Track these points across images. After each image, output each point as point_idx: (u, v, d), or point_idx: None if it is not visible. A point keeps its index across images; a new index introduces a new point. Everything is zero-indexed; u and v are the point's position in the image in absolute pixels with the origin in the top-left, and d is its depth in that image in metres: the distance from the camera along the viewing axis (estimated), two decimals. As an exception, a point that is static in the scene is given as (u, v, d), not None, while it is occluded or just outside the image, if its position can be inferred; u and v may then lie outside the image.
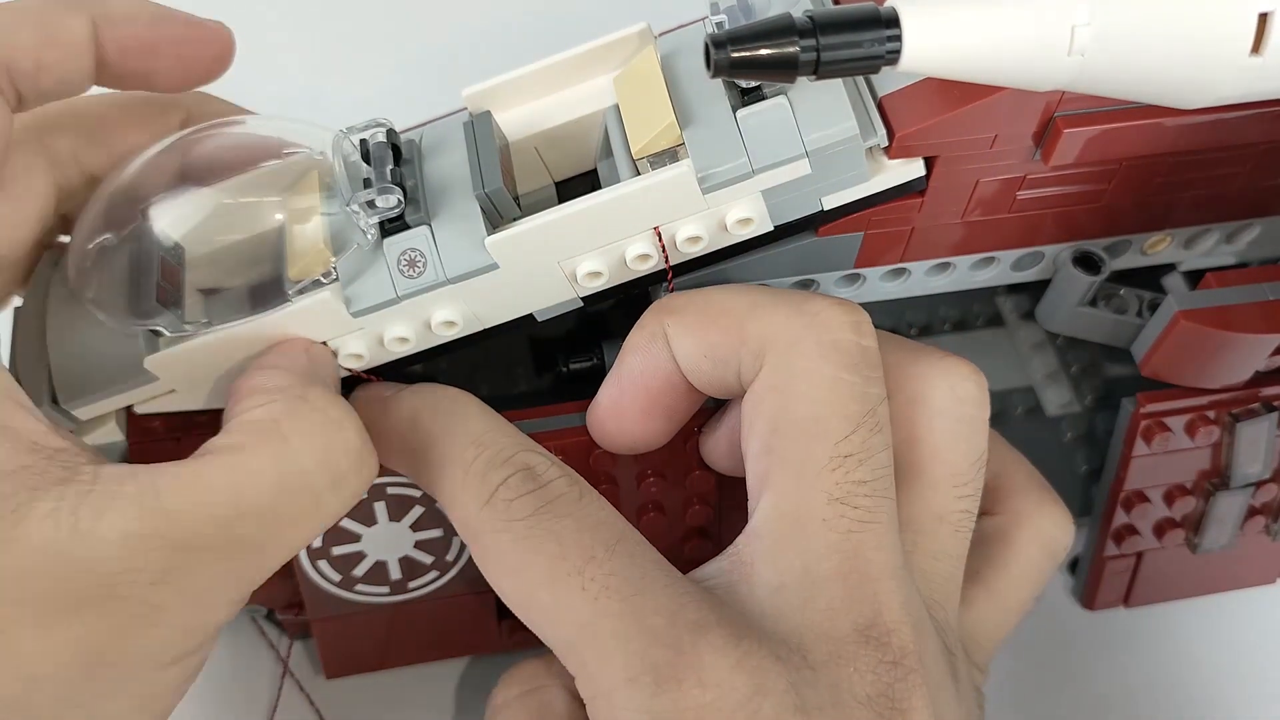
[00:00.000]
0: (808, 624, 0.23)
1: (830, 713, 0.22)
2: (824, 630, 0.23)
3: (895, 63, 0.20)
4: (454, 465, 0.26)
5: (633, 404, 0.27)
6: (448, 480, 0.26)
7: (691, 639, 0.23)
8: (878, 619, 0.23)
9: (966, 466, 0.26)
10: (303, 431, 0.24)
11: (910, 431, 0.26)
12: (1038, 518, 0.28)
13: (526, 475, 0.25)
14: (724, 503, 0.31)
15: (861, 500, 0.24)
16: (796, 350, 0.25)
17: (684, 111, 0.26)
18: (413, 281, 0.26)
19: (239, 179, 0.27)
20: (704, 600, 0.24)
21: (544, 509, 0.25)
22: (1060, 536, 0.29)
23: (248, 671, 0.35)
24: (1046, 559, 0.28)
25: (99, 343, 0.27)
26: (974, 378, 0.26)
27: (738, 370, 0.26)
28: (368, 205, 0.26)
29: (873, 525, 0.24)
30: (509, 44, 0.45)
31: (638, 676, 0.22)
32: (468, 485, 0.25)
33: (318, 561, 0.30)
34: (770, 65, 0.20)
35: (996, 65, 0.21)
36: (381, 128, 0.27)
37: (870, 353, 0.25)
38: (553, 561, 0.24)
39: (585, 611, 0.23)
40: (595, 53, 0.27)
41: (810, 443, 0.24)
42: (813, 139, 0.25)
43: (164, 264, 0.26)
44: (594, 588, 0.24)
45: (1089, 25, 0.20)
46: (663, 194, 0.25)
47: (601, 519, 0.25)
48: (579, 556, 0.24)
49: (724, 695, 0.22)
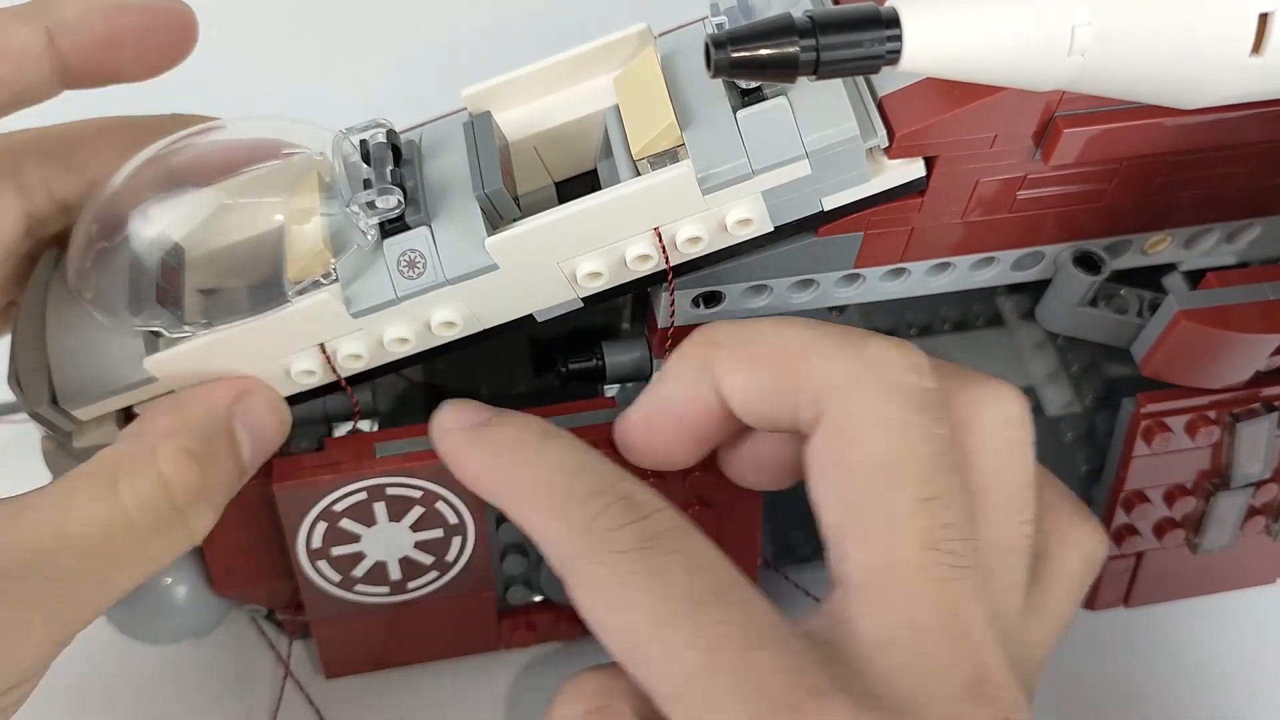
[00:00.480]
0: (921, 686, 0.22)
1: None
2: (937, 692, 0.22)
3: (895, 63, 0.20)
4: (548, 492, 0.25)
5: (667, 427, 0.27)
6: (541, 508, 0.25)
7: (814, 705, 0.21)
8: (985, 674, 0.23)
9: (1022, 491, 0.25)
10: (133, 481, 0.24)
11: (962, 459, 0.25)
12: (1076, 532, 0.27)
13: (628, 505, 0.24)
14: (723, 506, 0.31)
15: (952, 544, 0.23)
16: (861, 395, 0.24)
17: (684, 112, 0.26)
18: (412, 282, 0.26)
19: (239, 179, 0.27)
20: (821, 661, 0.22)
21: (649, 543, 0.23)
22: (1099, 549, 0.28)
23: (248, 672, 0.35)
24: (1087, 573, 0.27)
25: (99, 343, 0.27)
26: (1019, 400, 0.26)
27: (794, 412, 0.25)
28: (368, 206, 0.25)
29: (965, 570, 0.23)
30: (509, 44, 0.45)
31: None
32: (565, 512, 0.24)
33: (317, 562, 0.30)
34: (770, 65, 0.20)
35: (997, 65, 0.20)
36: (381, 128, 0.27)
37: (932, 394, 0.24)
38: (659, 603, 0.23)
39: (695, 663, 0.22)
40: (595, 53, 0.27)
41: (890, 489, 0.23)
42: (813, 139, 0.25)
43: (163, 265, 0.26)
44: (706, 638, 0.22)
45: (1090, 25, 0.20)
46: (663, 195, 0.25)
47: (710, 559, 0.24)
48: (688, 600, 0.23)
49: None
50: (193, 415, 0.26)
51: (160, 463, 0.25)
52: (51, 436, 0.29)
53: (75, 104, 0.28)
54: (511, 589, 0.33)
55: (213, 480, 0.26)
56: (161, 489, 0.25)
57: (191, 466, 0.25)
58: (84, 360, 0.27)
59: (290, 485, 0.28)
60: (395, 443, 0.29)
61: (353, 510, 0.29)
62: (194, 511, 0.25)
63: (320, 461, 0.29)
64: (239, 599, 0.33)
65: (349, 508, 0.29)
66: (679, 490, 0.30)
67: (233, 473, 0.26)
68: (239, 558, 0.31)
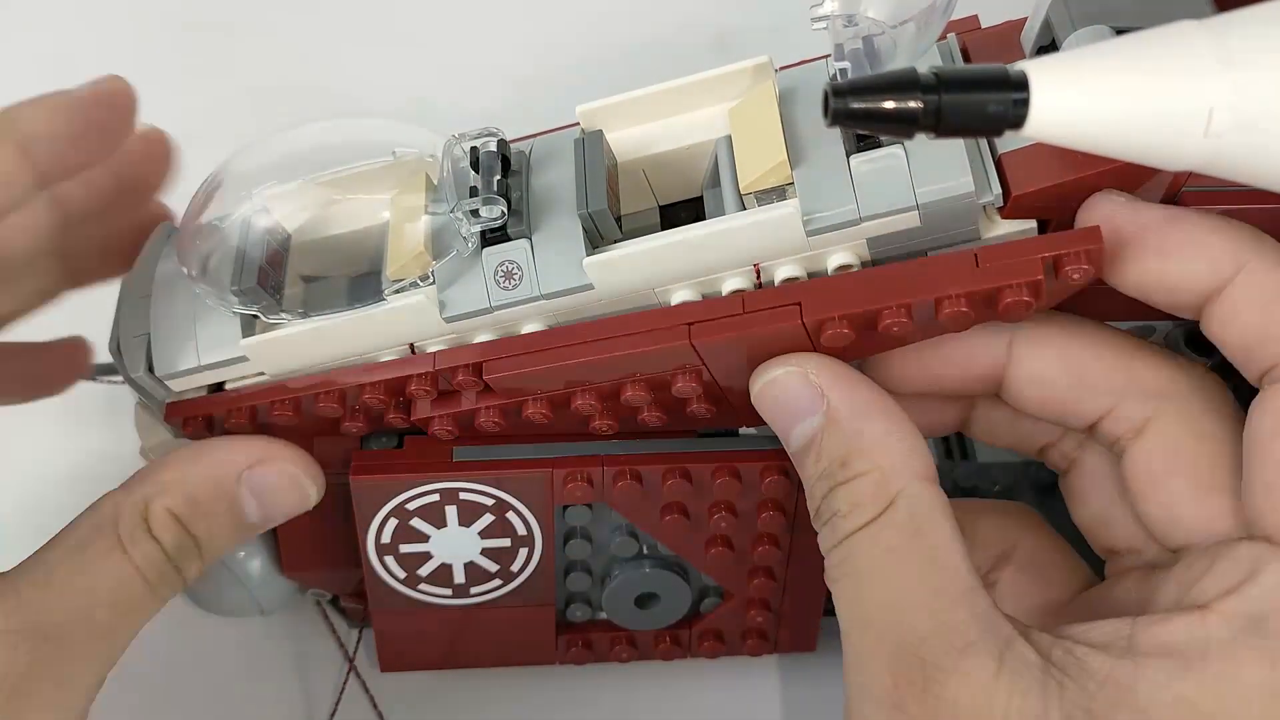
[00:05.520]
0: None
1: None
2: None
3: (1020, 127, 0.19)
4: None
5: (929, 359, 0.26)
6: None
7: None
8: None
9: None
10: (132, 537, 0.26)
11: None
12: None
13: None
14: (794, 545, 0.30)
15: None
16: (1200, 403, 0.25)
17: (796, 150, 0.25)
18: (507, 293, 0.26)
19: (351, 173, 0.27)
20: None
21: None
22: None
23: (308, 654, 0.36)
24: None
25: (198, 321, 0.28)
26: None
27: (1108, 406, 0.25)
28: (472, 214, 0.26)
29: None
30: (628, 65, 0.45)
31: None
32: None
33: (384, 556, 0.30)
34: (889, 119, 0.19)
35: (1123, 141, 0.20)
36: (493, 137, 0.27)
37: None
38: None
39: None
40: (713, 81, 0.27)
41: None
42: (925, 192, 0.24)
43: (270, 249, 0.27)
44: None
45: (1230, 109, 0.19)
46: (767, 232, 0.25)
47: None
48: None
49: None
50: (195, 476, 0.27)
51: (151, 523, 0.27)
52: (144, 402, 0.30)
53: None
54: (572, 606, 0.32)
55: (204, 539, 0.27)
56: (156, 548, 0.26)
57: (177, 529, 0.27)
58: (183, 335, 0.28)
59: (366, 479, 0.29)
60: (474, 448, 0.29)
61: (424, 510, 0.29)
62: (185, 564, 0.27)
63: (398, 459, 0.29)
64: (306, 582, 0.33)
65: (421, 507, 0.29)
66: (749, 529, 0.30)
67: (229, 531, 0.28)
68: (309, 543, 0.31)
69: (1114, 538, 0.27)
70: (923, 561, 0.23)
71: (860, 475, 0.24)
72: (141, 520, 0.26)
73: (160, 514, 0.27)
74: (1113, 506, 0.27)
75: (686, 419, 0.28)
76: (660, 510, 0.29)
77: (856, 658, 0.24)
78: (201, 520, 0.27)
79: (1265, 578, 0.22)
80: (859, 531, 0.24)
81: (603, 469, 0.29)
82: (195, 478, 0.27)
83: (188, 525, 0.27)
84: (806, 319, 0.25)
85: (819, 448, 0.25)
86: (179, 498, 0.27)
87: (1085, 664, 0.22)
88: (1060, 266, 0.24)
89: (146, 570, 0.26)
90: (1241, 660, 0.22)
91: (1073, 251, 0.24)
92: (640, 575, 0.31)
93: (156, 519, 0.27)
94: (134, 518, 0.26)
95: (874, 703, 0.23)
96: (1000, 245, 0.24)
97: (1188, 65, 0.19)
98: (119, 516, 0.27)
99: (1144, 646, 0.22)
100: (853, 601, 0.24)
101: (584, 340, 0.26)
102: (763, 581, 0.31)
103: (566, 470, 0.29)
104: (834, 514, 0.24)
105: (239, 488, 0.28)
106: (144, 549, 0.26)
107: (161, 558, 0.26)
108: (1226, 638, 0.22)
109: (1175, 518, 0.25)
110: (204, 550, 0.27)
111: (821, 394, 0.25)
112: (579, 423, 0.28)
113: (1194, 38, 0.19)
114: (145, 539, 0.26)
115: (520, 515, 0.29)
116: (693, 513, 0.29)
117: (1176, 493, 0.25)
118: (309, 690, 0.35)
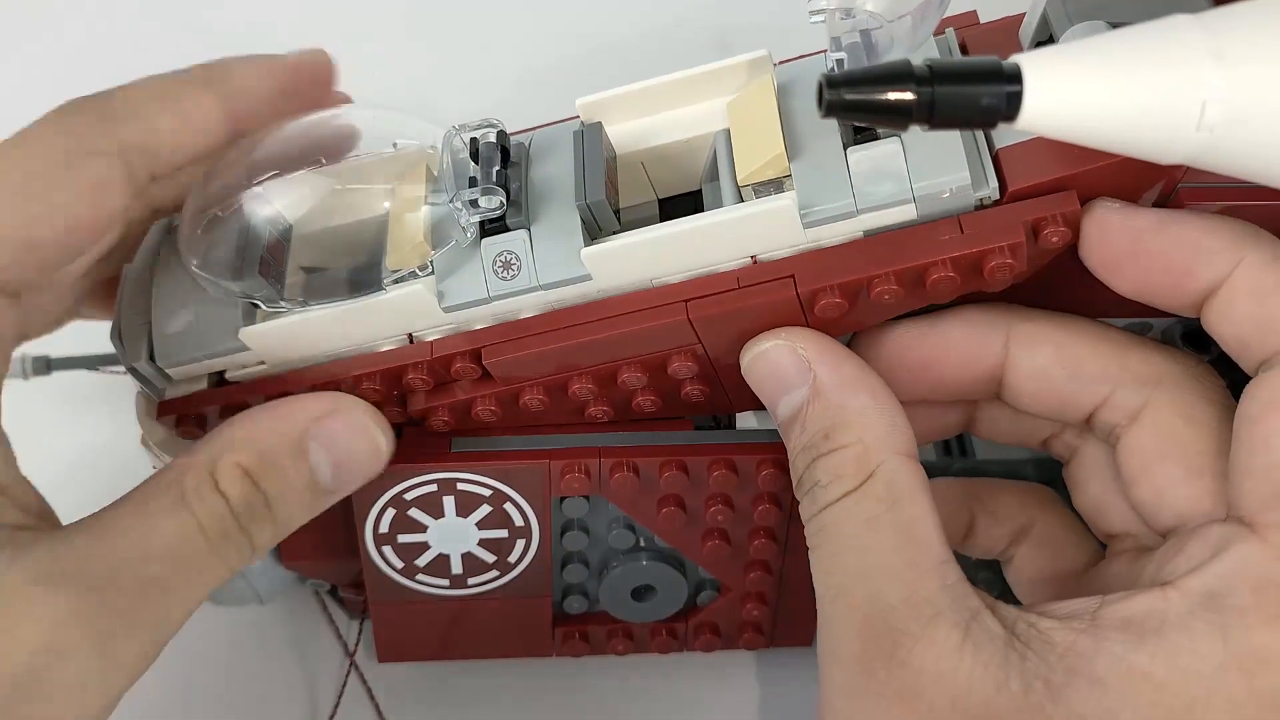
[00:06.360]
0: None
1: None
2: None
3: (1013, 119, 0.19)
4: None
5: (930, 366, 0.27)
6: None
7: None
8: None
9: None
10: (198, 494, 0.25)
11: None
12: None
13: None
14: (790, 539, 0.30)
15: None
16: (1192, 390, 0.25)
17: (794, 143, 0.25)
18: (506, 283, 0.26)
19: (352, 163, 0.27)
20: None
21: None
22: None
23: (306, 643, 0.36)
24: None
25: (200, 310, 0.28)
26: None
27: (1104, 395, 0.26)
28: (471, 204, 0.26)
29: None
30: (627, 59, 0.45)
31: None
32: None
33: (382, 547, 0.30)
34: (882, 111, 0.19)
35: (1117, 134, 0.20)
36: (493, 128, 0.27)
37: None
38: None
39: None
40: (712, 75, 0.27)
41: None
42: (922, 185, 0.25)
43: (270, 239, 0.27)
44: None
45: (1222, 102, 0.19)
46: (764, 224, 0.25)
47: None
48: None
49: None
50: (262, 431, 0.27)
51: (218, 477, 0.26)
52: (145, 391, 0.30)
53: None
54: (569, 598, 0.33)
55: (275, 497, 0.26)
56: (221, 503, 0.25)
57: (246, 484, 0.26)
58: (184, 324, 0.28)
59: (365, 468, 0.29)
60: (472, 439, 0.29)
61: (422, 500, 0.29)
62: (255, 528, 0.26)
63: (396, 449, 0.29)
64: (305, 572, 0.33)
65: (419, 498, 0.29)
66: (745, 522, 0.30)
67: (302, 493, 0.27)
68: (307, 533, 0.31)
69: (1111, 523, 0.28)
70: (898, 533, 0.24)
71: (842, 448, 0.25)
72: (208, 476, 0.25)
73: (228, 468, 0.26)
74: (1109, 493, 0.27)
75: (680, 402, 0.28)
76: (657, 503, 0.30)
77: (828, 623, 0.24)
78: (271, 475, 0.26)
79: (1228, 555, 0.23)
80: (838, 502, 0.25)
81: (600, 461, 0.29)
82: (263, 431, 0.26)
83: (257, 480, 0.26)
84: (800, 290, 0.25)
85: (804, 419, 0.25)
86: (247, 452, 0.26)
87: (1048, 637, 0.23)
88: (1039, 230, 0.25)
89: (209, 525, 0.25)
90: (1195, 633, 0.22)
91: (1050, 215, 0.24)
92: (637, 568, 0.31)
93: (224, 474, 0.26)
94: (200, 473, 0.25)
95: (842, 667, 0.24)
96: (982, 213, 0.25)
97: (1181, 58, 0.19)
98: (185, 472, 0.26)
99: (1105, 620, 0.23)
100: (828, 569, 0.25)
101: (582, 321, 0.26)
102: (759, 575, 0.31)
103: (564, 462, 0.29)
104: (815, 484, 0.25)
105: (309, 444, 0.27)
106: (209, 503, 0.25)
107: (226, 513, 0.25)
108: (1183, 611, 0.22)
109: (1164, 501, 0.25)
110: (275, 510, 0.26)
111: (809, 367, 0.25)
112: (575, 411, 0.28)
113: (1187, 31, 0.19)
114: (211, 494, 0.25)
115: (518, 506, 0.30)
116: (689, 506, 0.30)
117: (1166, 476, 0.25)
118: (310, 680, 0.36)
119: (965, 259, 0.25)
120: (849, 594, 0.24)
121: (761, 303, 0.25)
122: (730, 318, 0.26)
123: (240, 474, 0.26)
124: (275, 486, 0.26)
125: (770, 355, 0.26)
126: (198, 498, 0.25)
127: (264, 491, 0.26)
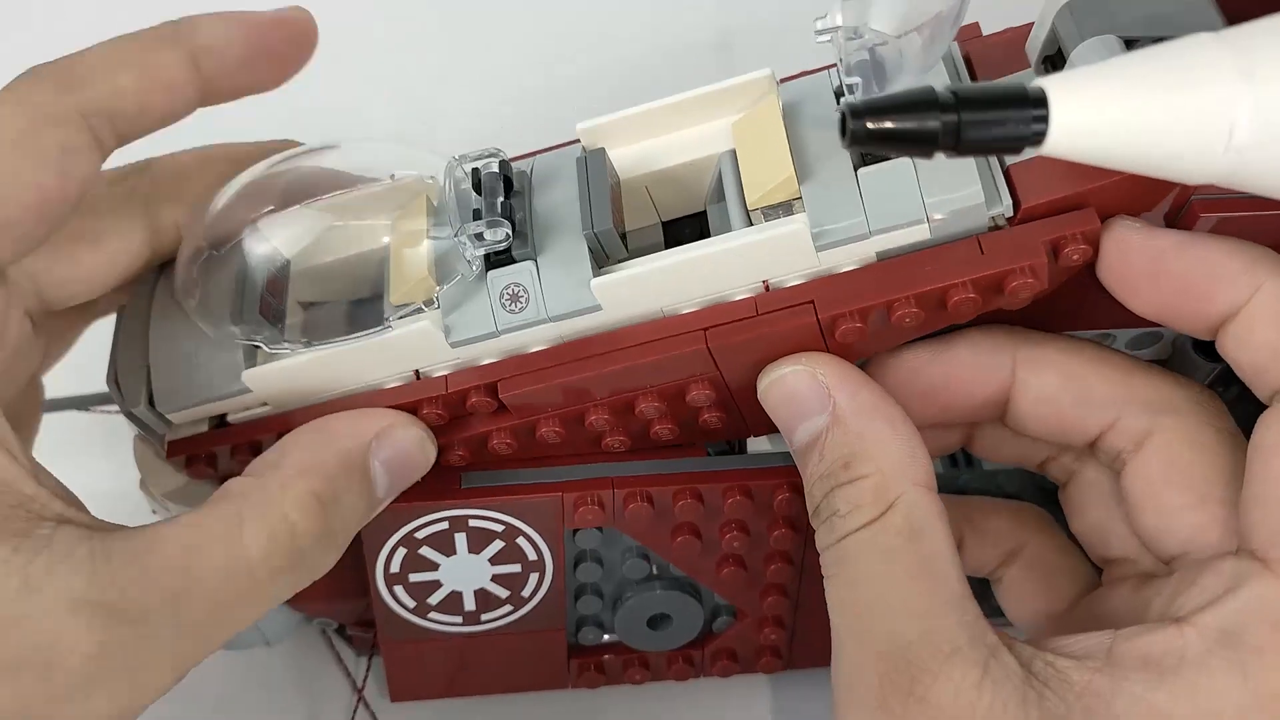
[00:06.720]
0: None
1: None
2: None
3: (1039, 145, 0.19)
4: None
5: (938, 391, 0.26)
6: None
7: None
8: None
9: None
10: (258, 524, 0.24)
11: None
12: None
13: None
14: (806, 561, 0.30)
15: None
16: (1199, 417, 0.25)
17: (802, 164, 0.25)
18: (514, 316, 0.26)
19: (350, 197, 0.27)
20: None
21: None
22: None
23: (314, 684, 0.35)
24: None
25: (199, 352, 0.27)
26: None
27: (1110, 419, 0.26)
28: (476, 237, 0.25)
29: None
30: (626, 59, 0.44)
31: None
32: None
33: (394, 586, 0.30)
34: (908, 139, 0.19)
35: (1143, 158, 0.19)
36: (495, 158, 0.26)
37: None
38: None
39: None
40: (715, 96, 0.26)
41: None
42: (935, 204, 0.24)
43: (269, 278, 0.26)
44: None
45: (1251, 124, 0.19)
46: (776, 248, 0.25)
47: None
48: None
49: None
50: (330, 455, 0.26)
51: (287, 507, 0.24)
52: (144, 436, 0.29)
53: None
54: (584, 629, 0.32)
55: (337, 522, 0.25)
56: (286, 531, 0.24)
57: (318, 511, 0.25)
58: (183, 367, 0.27)
59: (374, 508, 0.28)
60: (482, 474, 0.29)
61: (434, 539, 0.29)
62: (317, 552, 0.25)
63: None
64: (312, 612, 0.33)
65: (430, 536, 0.29)
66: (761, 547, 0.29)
67: (361, 511, 0.26)
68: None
69: (1110, 548, 0.27)
70: (916, 567, 0.24)
71: (862, 478, 0.24)
72: (277, 502, 0.24)
73: (301, 497, 0.24)
74: (1109, 518, 0.27)
75: (698, 429, 0.27)
76: (671, 532, 0.29)
77: (845, 656, 0.24)
78: (339, 500, 0.25)
79: (1243, 592, 0.23)
80: (856, 533, 0.24)
81: (613, 491, 0.28)
82: (330, 460, 0.25)
83: (325, 505, 0.25)
84: (821, 315, 0.25)
85: (823, 447, 0.25)
86: (323, 481, 0.25)
87: (1065, 675, 0.23)
88: (1060, 249, 0.24)
89: (260, 561, 0.24)
90: (1214, 672, 0.22)
91: (1071, 233, 0.24)
92: (652, 596, 0.31)
93: (297, 503, 0.24)
94: (266, 500, 0.24)
95: (859, 702, 0.23)
96: (1001, 232, 0.25)
97: (1207, 79, 0.19)
98: (245, 497, 0.24)
99: (1122, 659, 0.23)
100: (845, 601, 0.24)
101: (599, 352, 0.26)
102: (776, 599, 0.31)
103: (577, 494, 0.28)
104: (833, 513, 0.25)
105: (372, 462, 0.26)
106: (267, 534, 0.24)
107: (287, 545, 0.24)
108: (1201, 650, 0.22)
109: (1170, 528, 0.25)
110: (338, 535, 0.25)
111: (829, 393, 0.25)
112: (590, 442, 0.28)
113: (1212, 51, 0.19)
114: (273, 522, 0.24)
115: (530, 540, 0.29)
116: (704, 533, 0.29)
117: (1172, 504, 0.25)
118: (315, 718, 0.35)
119: (986, 279, 0.24)
120: (866, 628, 0.24)
121: (781, 329, 0.25)
122: (749, 345, 0.25)
123: (316, 504, 0.25)
124: (340, 512, 0.25)
125: (789, 381, 0.26)
126: (255, 530, 0.24)
127: (331, 516, 0.25)
